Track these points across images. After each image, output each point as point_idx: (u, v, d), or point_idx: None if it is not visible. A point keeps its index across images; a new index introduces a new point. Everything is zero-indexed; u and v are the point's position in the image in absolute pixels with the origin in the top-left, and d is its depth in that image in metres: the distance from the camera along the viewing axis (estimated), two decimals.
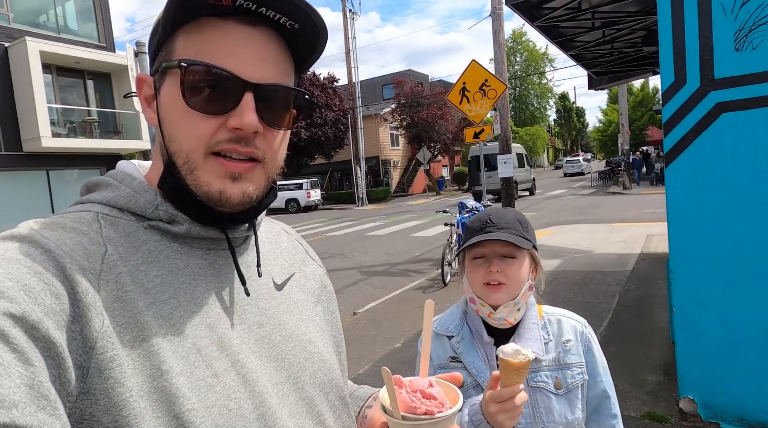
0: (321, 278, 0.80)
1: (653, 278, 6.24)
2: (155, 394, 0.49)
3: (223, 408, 0.53)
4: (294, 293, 0.71)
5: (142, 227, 0.59)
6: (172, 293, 0.56)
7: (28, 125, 13.90)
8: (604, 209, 15.04)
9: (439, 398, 0.63)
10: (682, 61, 2.80)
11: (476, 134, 8.86)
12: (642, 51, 7.17)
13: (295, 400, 0.62)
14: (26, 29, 14.37)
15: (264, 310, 0.65)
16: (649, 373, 3.69)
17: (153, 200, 0.60)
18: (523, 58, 56.37)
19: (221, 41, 0.55)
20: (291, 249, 0.78)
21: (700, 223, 2.83)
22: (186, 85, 0.55)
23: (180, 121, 0.56)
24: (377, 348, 4.72)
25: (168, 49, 0.57)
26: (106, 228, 0.57)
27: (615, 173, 26.31)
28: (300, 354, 0.65)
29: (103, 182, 0.63)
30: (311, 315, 0.72)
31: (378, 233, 13.85)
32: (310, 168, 31.06)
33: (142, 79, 0.62)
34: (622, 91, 21.72)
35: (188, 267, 0.59)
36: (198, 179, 0.57)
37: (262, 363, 0.60)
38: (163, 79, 0.58)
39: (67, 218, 0.56)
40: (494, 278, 1.13)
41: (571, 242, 9.51)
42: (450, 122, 29.97)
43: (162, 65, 0.58)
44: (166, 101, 0.58)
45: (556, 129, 67.15)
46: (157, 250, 0.58)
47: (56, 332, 0.45)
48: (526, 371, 0.88)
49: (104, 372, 0.47)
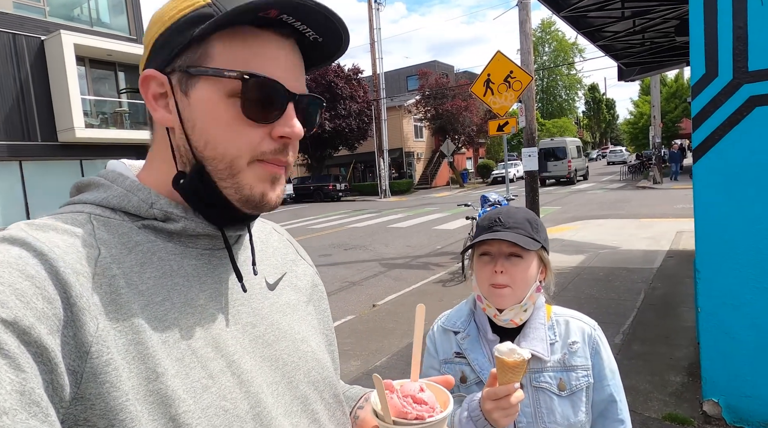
0: (312, 277, 0.80)
1: (681, 276, 6.07)
2: (151, 397, 0.50)
3: (219, 409, 0.54)
4: (286, 293, 0.72)
5: (136, 227, 0.59)
6: (166, 295, 0.56)
7: (62, 115, 14.40)
8: (633, 203, 14.64)
9: (429, 402, 0.64)
10: (714, 53, 2.69)
11: (500, 127, 8.72)
12: (675, 41, 6.91)
13: (289, 399, 0.63)
14: (61, 23, 14.84)
15: (257, 310, 0.65)
16: (672, 374, 3.61)
17: (147, 198, 0.59)
18: (552, 49, 55.05)
19: (266, 53, 0.57)
20: (282, 249, 0.78)
21: (729, 221, 2.73)
22: (246, 97, 0.56)
23: (227, 128, 0.57)
24: (395, 341, 4.74)
25: (200, 53, 0.56)
26: (99, 229, 0.56)
27: (645, 167, 25.55)
28: (293, 354, 0.66)
29: (94, 182, 0.62)
30: (303, 315, 0.72)
31: (400, 226, 13.85)
32: (334, 160, 31.21)
33: (151, 77, 0.59)
34: (655, 82, 20.99)
35: (182, 268, 0.59)
36: (240, 182, 0.58)
37: (256, 363, 0.61)
38: (192, 82, 0.57)
39: (59, 219, 0.56)
40: (498, 280, 1.12)
41: (597, 237, 9.30)
42: (475, 114, 29.57)
43: (197, 69, 0.56)
44: (205, 107, 0.57)
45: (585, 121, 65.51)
46: (150, 251, 0.58)
47: (49, 337, 0.45)
48: (522, 370, 0.88)
49: (100, 377, 0.47)
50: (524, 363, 0.87)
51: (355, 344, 4.86)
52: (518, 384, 0.90)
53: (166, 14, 0.58)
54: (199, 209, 0.60)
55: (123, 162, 0.66)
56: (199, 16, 0.55)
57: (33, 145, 14.23)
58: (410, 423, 0.62)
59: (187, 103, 0.58)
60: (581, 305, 5.34)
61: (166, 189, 0.61)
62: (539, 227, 1.17)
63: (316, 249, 10.52)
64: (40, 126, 14.39)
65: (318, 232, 13.50)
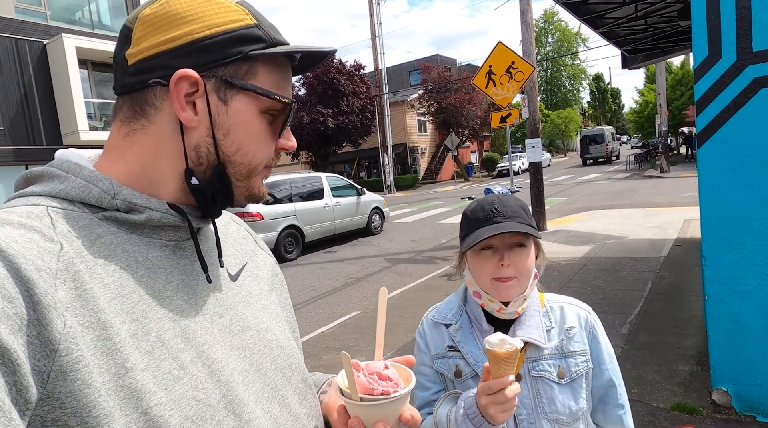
0: (272, 266, 0.81)
1: (689, 264, 5.99)
2: (122, 392, 0.49)
3: (191, 400, 0.54)
4: (248, 283, 0.72)
5: (97, 219, 0.57)
6: (132, 287, 0.55)
7: (66, 119, 14.47)
8: (640, 193, 14.51)
9: (394, 379, 0.66)
10: (717, 34, 2.62)
11: (503, 119, 8.65)
12: (678, 26, 6.79)
13: (260, 386, 0.63)
14: (63, 26, 14.88)
15: (222, 300, 0.65)
16: (681, 363, 3.56)
17: (109, 188, 0.58)
18: (555, 39, 54.53)
19: (288, 79, 0.66)
20: (241, 239, 0.78)
21: (736, 206, 2.67)
22: (281, 117, 0.64)
23: (257, 139, 0.63)
24: (400, 336, 4.72)
25: (246, 70, 0.60)
26: (59, 222, 0.54)
27: (652, 156, 25.25)
28: (259, 342, 0.66)
29: (47, 172, 0.59)
30: (266, 304, 0.73)
31: (404, 221, 13.81)
32: (338, 156, 31.18)
33: (186, 77, 0.57)
34: (660, 69, 20.72)
35: (147, 260, 0.58)
36: (252, 183, 0.65)
37: (226, 352, 0.61)
38: (232, 92, 0.60)
39: (12, 213, 0.53)
40: (505, 273, 1.07)
41: (603, 227, 9.22)
42: (478, 106, 29.41)
43: (243, 84, 0.61)
44: (242, 118, 0.61)
45: (590, 111, 64.95)
46: (114, 243, 0.56)
47: (10, 337, 0.43)
48: (515, 361, 0.85)
49: (70, 374, 0.46)
50: (517, 353, 0.84)
51: (359, 339, 4.85)
52: (513, 377, 0.87)
53: (210, 19, 0.59)
54: (204, 202, 0.63)
55: (74, 152, 0.63)
56: (253, 37, 0.60)
57: (38, 149, 14.31)
58: (376, 399, 0.63)
59: (224, 111, 0.60)
60: (588, 296, 5.28)
61: (135, 182, 0.60)
62: (529, 212, 1.14)
63: (320, 245, 10.52)
64: (44, 130, 14.48)
65: None
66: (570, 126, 44.96)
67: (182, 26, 0.58)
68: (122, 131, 0.61)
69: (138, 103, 0.60)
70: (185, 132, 0.59)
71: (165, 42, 0.58)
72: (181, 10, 0.58)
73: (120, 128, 0.61)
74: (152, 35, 0.58)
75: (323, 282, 7.45)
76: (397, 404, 0.65)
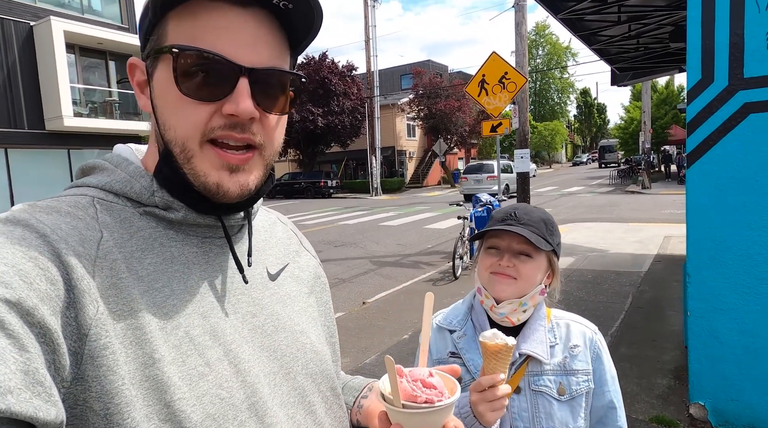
0: (315, 269, 0.79)
1: (668, 280, 6.14)
2: (146, 382, 0.49)
3: (214, 397, 0.53)
4: (287, 284, 0.71)
5: (138, 213, 0.58)
6: (165, 282, 0.55)
7: (50, 104, 14.15)
8: (622, 207, 14.80)
9: (438, 387, 0.64)
10: (711, 59, 2.70)
11: (493, 128, 8.75)
12: (669, 47, 6.97)
13: (287, 390, 0.62)
14: (51, 9, 14.56)
15: (257, 300, 0.64)
16: (659, 377, 3.64)
17: (149, 186, 0.59)
18: (545, 52, 55.36)
19: (213, 25, 0.53)
20: (286, 239, 0.78)
21: (721, 226, 2.75)
22: (178, 72, 0.53)
23: (174, 108, 0.55)
24: (385, 338, 4.73)
25: (159, 33, 0.55)
26: (102, 213, 0.56)
27: (634, 172, 25.78)
28: (292, 345, 0.65)
29: (98, 165, 0.61)
30: (304, 306, 0.72)
31: (390, 224, 13.84)
32: (326, 156, 31.09)
33: (134, 65, 0.60)
34: (646, 88, 21.21)
35: (183, 255, 0.59)
36: (195, 168, 0.55)
37: (255, 352, 0.60)
38: (156, 64, 0.56)
39: (62, 201, 0.55)
40: (503, 269, 1.09)
41: (586, 240, 9.38)
42: (468, 114, 29.65)
43: (153, 50, 0.56)
44: (160, 88, 0.56)
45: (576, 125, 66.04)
46: (152, 237, 0.57)
47: (51, 318, 0.45)
48: (506, 358, 0.86)
49: (97, 360, 0.47)
50: (508, 349, 0.85)
51: (344, 341, 4.84)
52: (503, 376, 0.87)
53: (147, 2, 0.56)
54: (176, 196, 0.58)
55: (130, 147, 0.65)
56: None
57: (19, 133, 13.94)
58: (420, 407, 0.61)
59: (152, 86, 0.57)
60: (569, 307, 5.33)
61: None
62: (554, 229, 1.14)
63: None
64: (27, 114, 14.12)
65: (309, 228, 13.43)
66: (556, 138, 45.64)
67: None
68: None
69: None
70: (152, 119, 0.60)
71: None
72: None
73: None
74: None
75: None
76: (441, 413, 0.62)
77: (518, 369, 1.09)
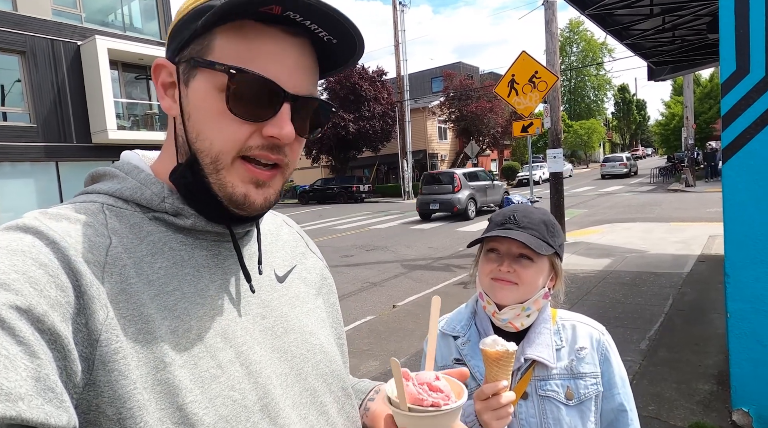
0: (321, 270, 0.80)
1: (713, 281, 5.85)
2: (158, 386, 0.50)
3: (227, 399, 0.54)
4: (295, 286, 0.71)
5: (147, 218, 0.59)
6: (176, 285, 0.56)
7: (96, 118, 14.91)
8: (663, 207, 14.21)
9: (445, 391, 0.63)
10: (746, 49, 2.59)
11: (524, 128, 8.62)
12: (707, 39, 6.68)
13: (298, 391, 0.62)
14: (96, 28, 15.36)
15: (266, 302, 0.65)
16: (701, 382, 3.48)
17: (159, 192, 0.60)
18: (580, 49, 53.95)
19: (265, 49, 0.55)
20: (292, 242, 0.78)
21: (759, 223, 2.62)
22: (231, 91, 0.54)
23: (215, 121, 0.56)
24: (414, 342, 4.72)
25: (204, 45, 0.56)
26: (111, 219, 0.57)
27: (677, 170, 24.72)
28: (302, 346, 0.66)
29: (108, 172, 0.63)
30: (312, 308, 0.72)
31: (422, 227, 13.79)
32: (358, 161, 31.32)
33: (162, 66, 0.60)
34: (688, 81, 20.33)
35: (192, 259, 0.59)
36: (223, 180, 0.57)
37: (266, 354, 0.61)
38: (193, 73, 0.57)
39: (71, 208, 0.56)
40: (503, 275, 1.07)
41: (624, 241, 9.06)
42: (500, 115, 29.23)
43: (195, 60, 0.56)
44: (198, 98, 0.56)
45: (614, 122, 63.94)
46: (161, 241, 0.58)
47: (62, 324, 0.45)
48: (508, 364, 0.84)
49: (108, 365, 0.47)
50: (509, 356, 0.83)
51: (374, 344, 4.86)
52: (506, 383, 0.85)
53: (183, 6, 0.58)
54: (191, 203, 0.60)
55: (137, 153, 0.66)
56: (208, 8, 0.54)
57: (68, 146, 14.76)
58: (426, 410, 0.60)
59: (186, 93, 0.58)
60: (606, 310, 5.21)
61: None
62: (555, 231, 1.10)
63: (338, 250, 10.58)
64: (75, 128, 14.93)
65: (341, 233, 13.56)
66: (593, 137, 44.29)
67: (173, 20, 0.61)
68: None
69: None
70: (175, 123, 0.60)
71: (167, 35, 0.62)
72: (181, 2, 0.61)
73: None
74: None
75: (339, 285, 7.49)
76: (448, 417, 0.61)
77: (524, 375, 1.07)
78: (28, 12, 14.10)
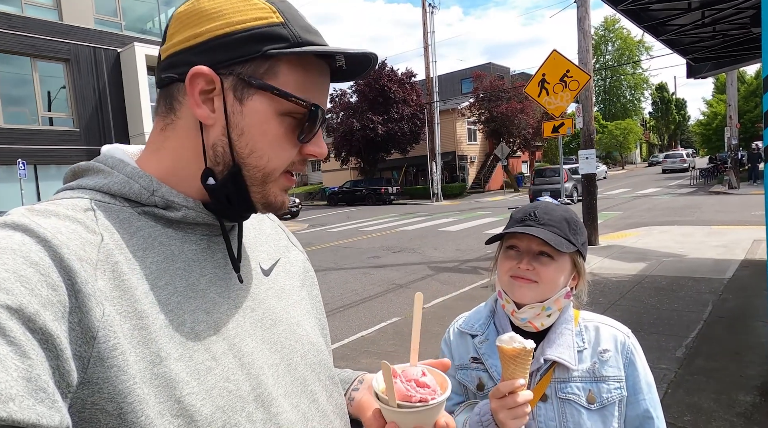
0: (303, 263, 0.82)
1: (757, 288, 5.55)
2: (156, 380, 0.50)
3: (223, 390, 0.55)
4: (281, 279, 0.73)
5: (136, 213, 0.59)
6: (168, 280, 0.57)
7: (134, 121, 15.50)
8: (704, 210, 13.63)
9: (431, 386, 0.66)
10: None
11: (555, 128, 8.42)
12: (751, 33, 6.36)
13: (289, 381, 0.64)
14: (135, 36, 15.99)
15: (255, 295, 0.66)
16: (742, 393, 3.30)
17: (148, 185, 0.59)
18: (616, 47, 52.47)
19: (318, 81, 0.62)
20: (275, 235, 0.80)
21: None
22: (304, 122, 0.61)
23: (275, 142, 0.60)
24: (440, 345, 4.67)
25: (266, 68, 0.58)
26: (101, 215, 0.56)
27: (720, 171, 23.65)
28: (290, 337, 0.67)
29: (93, 167, 0.62)
30: (297, 300, 0.74)
31: (450, 229, 13.68)
32: (386, 163, 31.38)
33: (203, 74, 0.57)
34: (731, 79, 19.41)
35: (183, 253, 0.60)
36: (268, 190, 0.62)
37: (257, 345, 0.62)
38: (249, 92, 0.58)
39: (60, 205, 0.55)
40: (522, 273, 1.04)
41: (661, 244, 8.73)
42: (531, 116, 28.73)
43: (264, 85, 0.58)
44: (258, 120, 0.59)
45: (652, 122, 61.79)
46: (151, 236, 0.58)
47: (54, 323, 0.45)
48: (526, 362, 0.82)
49: (107, 361, 0.48)
50: (525, 353, 0.82)
51: (398, 345, 4.84)
52: (523, 381, 0.83)
53: (233, 16, 0.57)
54: (218, 204, 0.62)
55: (119, 147, 0.66)
56: (275, 35, 0.57)
57: None
58: (414, 406, 0.63)
59: (239, 110, 0.59)
60: (640, 316, 5.02)
61: (169, 178, 0.61)
62: (578, 228, 1.07)
63: (365, 251, 10.62)
64: (115, 132, 15.56)
65: (368, 234, 13.61)
66: (629, 137, 42.91)
67: (205, 23, 0.58)
68: (159, 125, 0.63)
69: (168, 98, 0.61)
70: (204, 130, 0.59)
71: (189, 38, 0.58)
72: (207, 7, 0.58)
73: (158, 122, 0.63)
74: (181, 32, 0.59)
75: (366, 287, 7.50)
76: (434, 411, 0.65)
77: (544, 376, 1.04)
78: (72, 21, 14.80)
